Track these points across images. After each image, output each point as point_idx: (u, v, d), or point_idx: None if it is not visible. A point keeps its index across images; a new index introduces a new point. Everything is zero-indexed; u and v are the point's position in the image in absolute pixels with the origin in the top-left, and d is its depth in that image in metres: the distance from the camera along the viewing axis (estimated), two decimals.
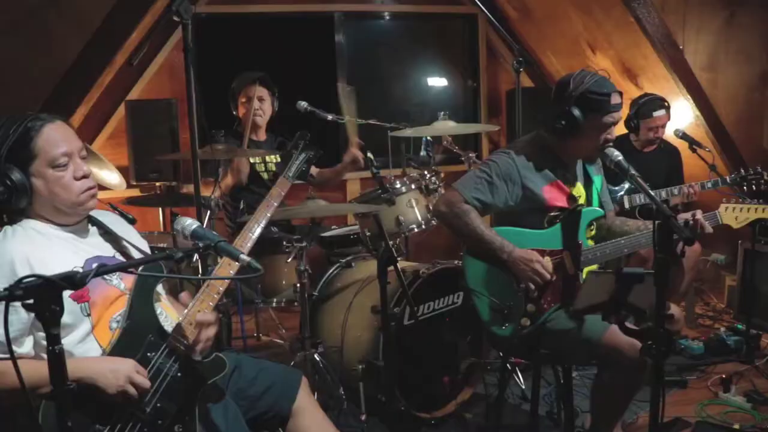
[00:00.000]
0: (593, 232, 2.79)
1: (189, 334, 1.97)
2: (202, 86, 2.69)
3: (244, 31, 5.30)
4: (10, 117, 1.96)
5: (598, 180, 2.87)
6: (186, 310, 2.02)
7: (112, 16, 3.24)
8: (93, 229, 2.12)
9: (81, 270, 1.91)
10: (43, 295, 1.43)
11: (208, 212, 3.33)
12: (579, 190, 2.77)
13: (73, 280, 1.47)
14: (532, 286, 2.58)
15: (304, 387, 2.32)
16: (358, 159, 3.87)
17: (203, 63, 4.70)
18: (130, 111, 4.72)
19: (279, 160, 4.17)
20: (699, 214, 2.59)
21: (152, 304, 2.04)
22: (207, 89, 4.08)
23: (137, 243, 2.21)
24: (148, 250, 2.24)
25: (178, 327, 1.98)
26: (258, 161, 4.12)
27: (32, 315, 1.79)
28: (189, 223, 1.98)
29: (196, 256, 2.94)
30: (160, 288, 2.14)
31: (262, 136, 4.18)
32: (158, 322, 2.02)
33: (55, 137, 1.96)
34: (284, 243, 3.41)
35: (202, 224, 2.30)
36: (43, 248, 1.92)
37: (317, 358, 3.27)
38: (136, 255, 2.15)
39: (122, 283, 2.06)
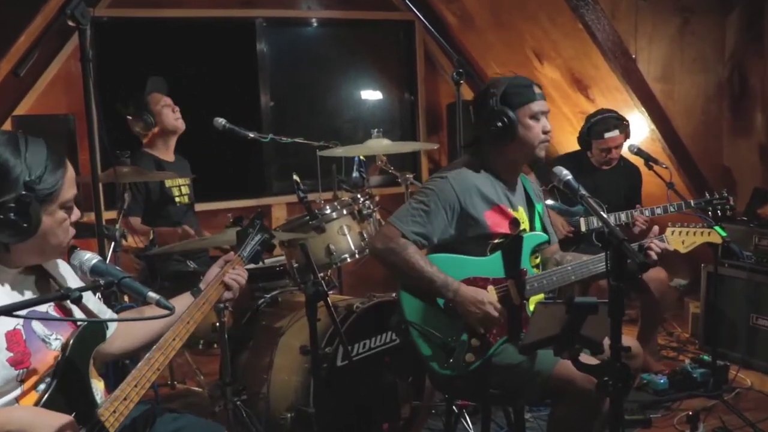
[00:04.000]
0: (538, 260, 2.86)
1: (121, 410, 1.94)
2: (104, 100, 2.67)
3: (153, 39, 5.25)
4: (29, 138, 1.92)
5: (540, 207, 2.95)
6: (122, 384, 1.98)
7: None
8: (31, 276, 2.05)
9: None
10: None
11: (112, 244, 3.27)
12: (521, 215, 2.84)
13: None
14: (482, 330, 2.62)
15: None
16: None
17: (105, 74, 4.66)
18: (18, 128, 4.59)
19: (189, 182, 4.15)
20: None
21: (88, 367, 2.00)
22: (110, 104, 4.07)
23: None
24: (92, 299, 2.19)
25: (110, 400, 1.94)
26: (171, 185, 4.08)
27: None
28: (88, 257, 1.95)
29: None
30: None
31: (170, 155, 4.14)
32: (90, 390, 1.98)
33: (73, 176, 1.97)
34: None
35: (105, 258, 2.27)
36: None
37: (240, 407, 3.22)
38: (76, 309, 2.07)
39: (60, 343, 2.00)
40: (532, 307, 2.73)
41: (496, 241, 2.73)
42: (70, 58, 4.97)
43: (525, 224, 2.82)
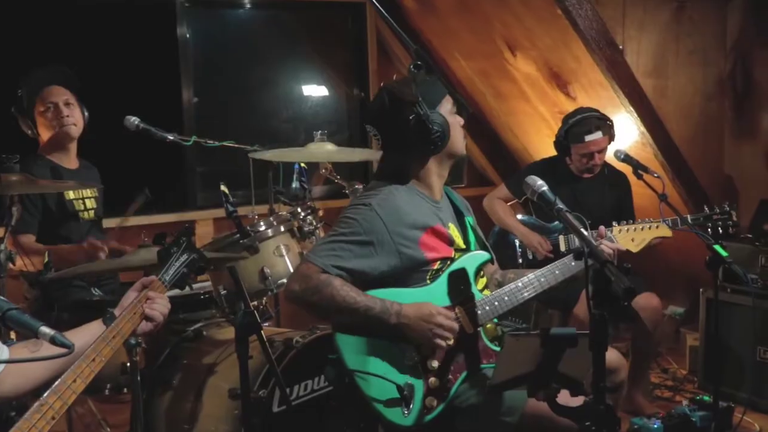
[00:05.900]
0: (484, 280, 2.92)
1: None
2: None
3: (49, 19, 5.17)
4: None
5: (470, 219, 3.05)
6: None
7: None
8: None
9: None
10: None
11: None
12: (453, 231, 2.90)
13: None
14: (443, 344, 2.65)
15: None
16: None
17: None
18: None
19: (97, 194, 4.11)
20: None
21: None
22: None
23: None
24: None
25: None
26: (74, 197, 4.03)
27: None
28: None
29: None
30: None
31: (73, 162, 4.08)
32: None
33: None
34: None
35: None
36: None
37: None
38: None
39: None
40: (484, 334, 2.80)
41: (435, 267, 2.79)
42: None
43: (459, 240, 2.89)
